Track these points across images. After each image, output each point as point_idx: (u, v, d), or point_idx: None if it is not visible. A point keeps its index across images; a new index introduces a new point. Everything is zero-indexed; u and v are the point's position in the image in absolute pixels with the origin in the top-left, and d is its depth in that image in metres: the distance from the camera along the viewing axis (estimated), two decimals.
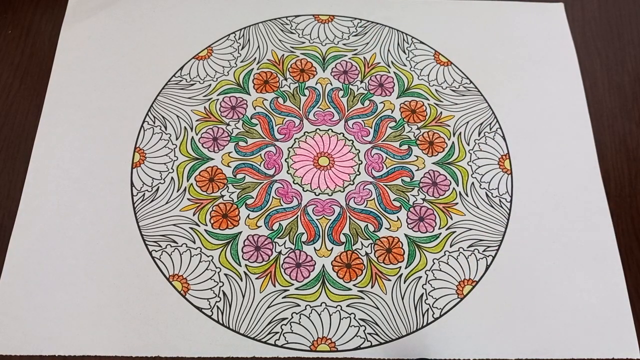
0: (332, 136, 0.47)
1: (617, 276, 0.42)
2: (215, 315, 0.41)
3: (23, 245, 0.43)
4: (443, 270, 0.42)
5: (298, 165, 0.46)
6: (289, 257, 0.43)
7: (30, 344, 0.40)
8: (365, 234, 0.44)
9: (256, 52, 0.50)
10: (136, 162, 0.46)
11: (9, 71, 0.50)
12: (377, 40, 0.51)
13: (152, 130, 0.47)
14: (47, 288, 0.42)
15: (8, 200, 0.44)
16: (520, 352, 0.40)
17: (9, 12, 0.52)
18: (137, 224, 0.44)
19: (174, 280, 0.42)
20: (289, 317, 0.41)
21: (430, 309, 0.41)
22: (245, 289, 0.42)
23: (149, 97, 0.48)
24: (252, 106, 0.48)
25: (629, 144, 0.47)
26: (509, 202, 0.45)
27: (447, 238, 0.44)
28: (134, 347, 0.40)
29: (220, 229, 0.44)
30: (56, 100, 0.48)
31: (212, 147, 0.47)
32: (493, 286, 0.42)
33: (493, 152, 0.47)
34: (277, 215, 0.44)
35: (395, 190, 0.45)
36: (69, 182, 0.45)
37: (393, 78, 0.49)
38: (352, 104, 0.48)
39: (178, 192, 0.45)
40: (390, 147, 0.47)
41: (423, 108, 0.48)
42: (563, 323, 0.41)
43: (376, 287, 0.42)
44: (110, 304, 0.41)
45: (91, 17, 0.52)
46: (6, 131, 0.47)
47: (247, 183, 0.45)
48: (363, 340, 0.40)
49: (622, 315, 0.41)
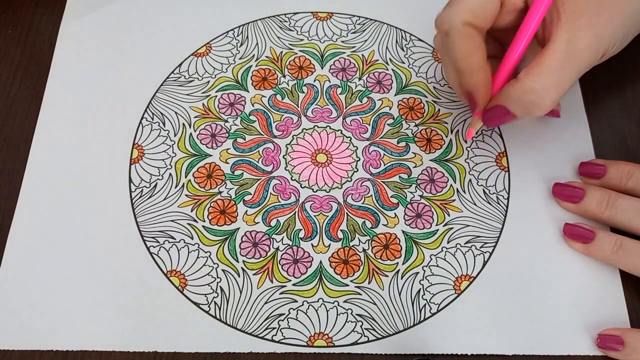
0: (330, 133, 0.47)
1: (613, 273, 0.42)
2: (212, 310, 0.41)
3: (21, 240, 0.43)
4: (440, 266, 0.43)
5: (296, 162, 0.46)
6: (287, 253, 0.43)
7: (27, 339, 0.40)
8: (363, 231, 0.44)
9: (254, 49, 0.50)
10: (134, 158, 0.46)
11: (9, 71, 0.50)
12: (375, 38, 0.51)
13: (150, 126, 0.47)
14: (45, 283, 0.42)
15: (8, 201, 0.45)
16: (517, 348, 0.40)
17: (9, 12, 0.52)
18: (135, 219, 0.44)
19: (171, 276, 0.42)
20: (286, 313, 0.41)
21: (427, 304, 0.41)
22: (243, 285, 0.42)
23: (147, 93, 0.49)
24: (250, 103, 0.48)
25: (628, 144, 0.47)
26: (506, 199, 0.45)
27: (445, 234, 0.44)
28: (131, 343, 0.40)
29: (218, 225, 0.44)
30: (55, 96, 0.48)
31: (211, 144, 0.47)
32: (490, 282, 0.42)
33: (490, 149, 0.47)
34: (275, 211, 0.44)
35: (392, 187, 0.45)
36: (67, 178, 0.45)
37: (391, 75, 0.50)
38: (351, 101, 0.49)
39: (176, 188, 0.45)
40: (388, 144, 0.47)
41: (421, 105, 0.48)
42: (560, 319, 0.41)
43: (373, 283, 0.42)
44: (108, 299, 0.41)
45: (90, 14, 0.52)
46: (6, 131, 0.47)
47: (245, 179, 0.45)
48: (360, 336, 0.40)
49: (619, 312, 0.41)
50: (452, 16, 0.39)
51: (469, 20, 0.38)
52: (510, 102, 0.40)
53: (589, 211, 0.43)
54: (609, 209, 0.42)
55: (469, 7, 0.38)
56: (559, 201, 0.44)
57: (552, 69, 0.38)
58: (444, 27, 0.39)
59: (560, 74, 0.38)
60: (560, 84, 0.39)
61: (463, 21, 0.38)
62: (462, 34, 0.39)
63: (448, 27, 0.39)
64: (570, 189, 0.44)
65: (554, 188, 0.44)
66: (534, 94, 0.38)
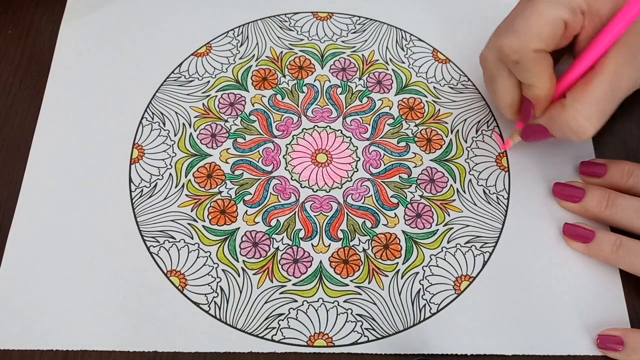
0: (330, 133, 0.47)
1: (613, 273, 0.42)
2: (212, 310, 0.41)
3: (21, 240, 0.43)
4: (440, 266, 0.43)
5: (296, 161, 0.46)
6: (287, 253, 0.43)
7: (28, 338, 0.40)
8: (363, 231, 0.44)
9: (255, 49, 0.50)
10: (134, 158, 0.46)
11: (9, 71, 0.50)
12: (375, 38, 0.51)
13: (150, 126, 0.47)
14: (45, 283, 0.42)
15: (8, 200, 0.45)
16: (517, 348, 0.40)
17: (9, 12, 0.52)
18: (135, 219, 0.44)
19: (171, 276, 0.42)
20: (286, 313, 0.41)
21: (427, 304, 0.41)
22: (243, 284, 0.42)
23: (147, 93, 0.49)
24: (250, 103, 0.48)
25: (628, 144, 0.47)
26: (506, 199, 0.45)
27: (445, 234, 0.44)
28: (131, 342, 0.40)
29: (218, 225, 0.44)
30: (55, 96, 0.48)
31: (211, 144, 0.47)
32: (490, 282, 0.42)
33: (490, 149, 0.47)
34: (275, 211, 0.44)
35: (392, 187, 0.45)
36: (67, 178, 0.45)
37: (391, 75, 0.50)
38: (351, 101, 0.49)
39: (176, 188, 0.45)
40: (388, 144, 0.47)
41: (421, 105, 0.48)
42: (560, 319, 0.41)
43: (373, 282, 0.42)
44: (108, 299, 0.41)
45: (90, 14, 0.52)
46: (6, 131, 0.47)
47: (245, 179, 0.45)
48: (360, 336, 0.40)
49: (619, 312, 0.41)
50: (522, 45, 0.38)
51: (539, 47, 0.38)
52: (554, 126, 0.40)
53: (589, 210, 0.43)
54: (609, 208, 0.42)
55: (539, 36, 0.38)
56: (559, 201, 0.44)
57: (598, 98, 0.38)
58: (513, 57, 0.39)
59: (604, 104, 0.39)
60: (603, 114, 0.39)
61: (534, 49, 0.38)
62: (534, 60, 0.39)
63: (518, 57, 0.39)
64: (571, 188, 0.44)
65: (554, 188, 0.45)
66: (579, 122, 0.39)
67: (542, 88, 0.40)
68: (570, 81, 0.40)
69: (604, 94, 0.38)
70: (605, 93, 0.38)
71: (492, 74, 0.42)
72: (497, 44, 0.40)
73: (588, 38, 0.40)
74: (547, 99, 0.41)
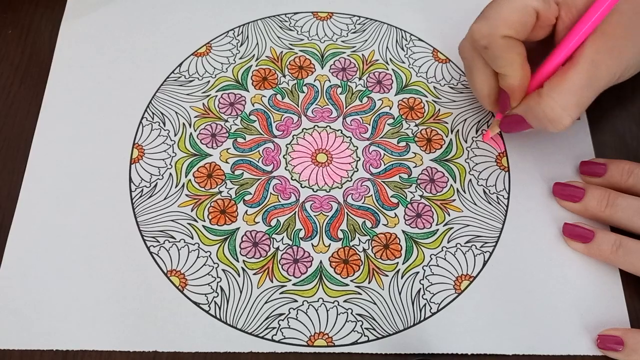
0: (330, 133, 0.47)
1: (613, 273, 0.42)
2: (212, 310, 0.41)
3: (21, 240, 0.43)
4: (440, 265, 0.43)
5: (296, 161, 0.46)
6: (287, 253, 0.43)
7: (28, 338, 0.40)
8: (363, 230, 0.44)
9: (255, 48, 0.50)
10: (135, 158, 0.46)
11: (9, 71, 0.50)
12: (375, 37, 0.51)
13: (150, 126, 0.47)
14: (45, 283, 0.42)
15: (8, 200, 0.45)
16: (517, 348, 0.40)
17: (8, 12, 0.52)
18: (136, 219, 0.44)
19: (171, 276, 0.42)
20: (286, 313, 0.41)
21: (427, 304, 0.41)
22: (243, 284, 0.42)
23: (147, 93, 0.49)
24: (250, 103, 0.48)
25: (628, 144, 0.47)
26: (506, 199, 0.45)
27: (445, 234, 0.44)
28: (131, 342, 0.40)
29: (218, 225, 0.44)
30: (55, 96, 0.48)
31: (211, 144, 0.47)
32: (490, 282, 0.42)
33: (490, 149, 0.47)
34: (275, 211, 0.44)
35: (393, 187, 0.45)
36: (67, 178, 0.45)
37: (391, 75, 0.50)
38: (351, 101, 0.49)
39: (176, 188, 0.45)
40: (388, 144, 0.47)
41: (421, 105, 0.48)
42: (560, 319, 0.41)
43: (373, 282, 0.42)
44: (108, 299, 0.41)
45: (90, 14, 0.52)
46: (6, 131, 0.47)
47: (245, 179, 0.45)
48: (360, 335, 0.40)
49: (619, 312, 0.41)
50: (491, 30, 0.38)
51: (508, 34, 0.38)
52: (531, 115, 0.40)
53: (589, 210, 0.43)
54: (609, 208, 0.42)
55: (507, 22, 0.38)
56: (559, 200, 0.44)
57: (575, 88, 0.38)
58: (482, 42, 0.39)
59: (581, 94, 0.39)
60: (580, 104, 0.39)
61: (502, 35, 0.38)
62: (503, 46, 0.39)
63: (486, 42, 0.39)
64: (571, 188, 0.44)
65: (554, 187, 0.45)
66: (556, 112, 0.39)
67: (514, 77, 0.40)
68: (548, 72, 0.40)
69: (582, 84, 0.38)
70: (583, 83, 0.38)
71: (469, 63, 0.43)
72: (469, 30, 0.40)
73: (565, 29, 0.40)
74: (522, 88, 0.40)
